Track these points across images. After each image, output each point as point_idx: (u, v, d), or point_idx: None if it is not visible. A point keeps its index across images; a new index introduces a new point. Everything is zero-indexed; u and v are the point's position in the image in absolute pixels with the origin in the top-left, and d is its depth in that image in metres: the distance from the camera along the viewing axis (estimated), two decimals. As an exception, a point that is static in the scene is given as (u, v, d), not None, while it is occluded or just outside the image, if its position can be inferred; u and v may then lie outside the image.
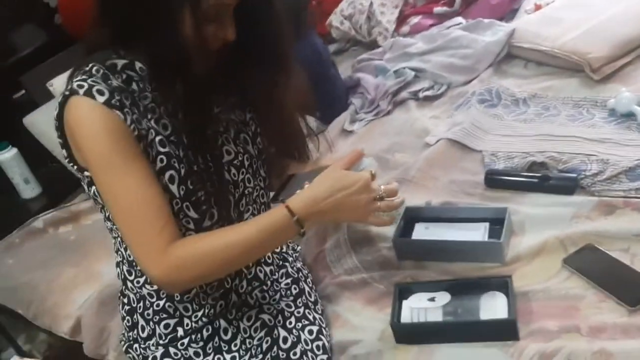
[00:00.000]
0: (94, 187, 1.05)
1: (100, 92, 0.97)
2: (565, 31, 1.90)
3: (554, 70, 1.90)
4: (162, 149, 1.03)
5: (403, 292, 1.20)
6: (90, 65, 1.01)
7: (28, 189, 2.07)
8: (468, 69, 1.99)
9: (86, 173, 1.05)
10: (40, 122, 1.96)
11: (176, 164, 1.04)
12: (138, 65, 1.05)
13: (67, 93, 0.99)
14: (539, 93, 1.80)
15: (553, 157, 1.48)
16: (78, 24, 2.17)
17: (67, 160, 1.07)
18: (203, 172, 1.06)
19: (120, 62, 1.04)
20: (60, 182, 2.09)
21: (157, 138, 1.03)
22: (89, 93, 0.96)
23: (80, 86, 0.97)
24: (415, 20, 2.33)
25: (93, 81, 0.98)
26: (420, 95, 1.97)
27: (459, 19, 2.25)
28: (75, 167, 1.07)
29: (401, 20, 2.36)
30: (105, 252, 1.68)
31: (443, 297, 1.16)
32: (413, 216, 1.40)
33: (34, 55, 2.15)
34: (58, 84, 2.06)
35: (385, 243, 1.39)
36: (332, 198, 1.00)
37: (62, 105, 1.00)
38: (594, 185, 1.37)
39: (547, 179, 1.41)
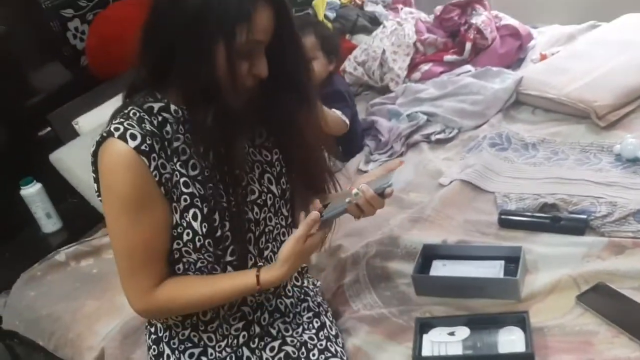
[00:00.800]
0: None
1: (133, 137, 1.04)
2: (571, 80, 2.00)
3: (561, 117, 1.98)
4: (185, 190, 1.09)
5: (424, 326, 1.25)
6: (129, 108, 1.09)
7: (49, 223, 2.11)
8: (478, 114, 2.07)
9: None
10: (66, 158, 2.02)
11: (199, 203, 1.10)
12: (173, 107, 1.11)
13: (104, 134, 1.06)
14: (548, 138, 1.88)
15: (563, 199, 1.55)
16: (102, 67, 2.27)
17: (97, 194, 1.13)
18: (226, 210, 1.12)
19: (157, 105, 1.11)
20: (80, 218, 2.15)
21: (182, 180, 1.09)
22: (122, 136, 1.04)
23: (117, 129, 1.04)
24: (426, 67, 2.43)
25: (129, 124, 1.05)
26: (433, 138, 2.06)
27: (468, 67, 2.36)
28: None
29: (412, 67, 2.46)
30: (128, 285, 1.72)
31: (462, 332, 1.21)
32: (430, 253, 1.45)
33: (60, 95, 2.23)
34: (83, 122, 2.15)
35: (404, 279, 1.44)
36: (293, 269, 1.14)
37: (99, 144, 1.07)
38: (603, 226, 1.43)
39: (558, 220, 1.47)
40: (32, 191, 2.06)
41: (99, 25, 2.24)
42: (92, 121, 2.13)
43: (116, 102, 1.14)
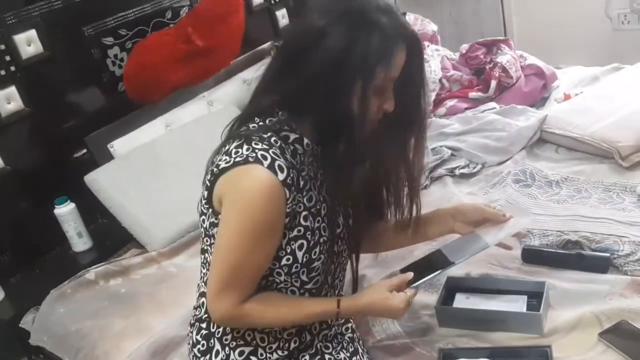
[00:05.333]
0: (216, 229, 1.15)
1: (281, 169, 1.07)
2: (595, 120, 2.03)
3: (584, 156, 2.01)
4: (303, 222, 1.14)
5: (447, 357, 1.27)
6: (268, 134, 1.11)
7: (80, 242, 2.17)
8: (502, 150, 2.11)
9: (213, 219, 1.16)
10: (101, 180, 2.08)
11: (309, 236, 1.15)
12: (306, 141, 1.15)
13: (250, 159, 1.07)
14: (571, 176, 1.91)
15: (586, 236, 1.57)
16: (138, 93, 2.35)
17: (204, 201, 1.17)
18: (325, 244, 1.17)
19: (292, 136, 1.14)
20: (110, 238, 2.21)
21: (303, 213, 1.14)
22: (271, 167, 1.07)
23: (264, 157, 1.07)
24: (451, 103, 2.49)
25: (274, 153, 1.08)
26: (457, 172, 2.09)
27: (493, 104, 2.41)
28: (210, 209, 1.17)
29: (437, 102, 2.52)
30: (156, 306, 1.77)
31: (485, 364, 1.23)
32: (454, 286, 1.48)
33: (96, 118, 2.30)
34: (118, 145, 2.22)
35: (427, 310, 1.47)
36: (372, 312, 1.26)
37: (240, 163, 1.08)
38: (626, 265, 1.45)
39: (581, 257, 1.49)
40: (65, 210, 2.11)
41: (137, 54, 2.33)
42: (126, 145, 2.21)
43: (150, 127, 1.17)
